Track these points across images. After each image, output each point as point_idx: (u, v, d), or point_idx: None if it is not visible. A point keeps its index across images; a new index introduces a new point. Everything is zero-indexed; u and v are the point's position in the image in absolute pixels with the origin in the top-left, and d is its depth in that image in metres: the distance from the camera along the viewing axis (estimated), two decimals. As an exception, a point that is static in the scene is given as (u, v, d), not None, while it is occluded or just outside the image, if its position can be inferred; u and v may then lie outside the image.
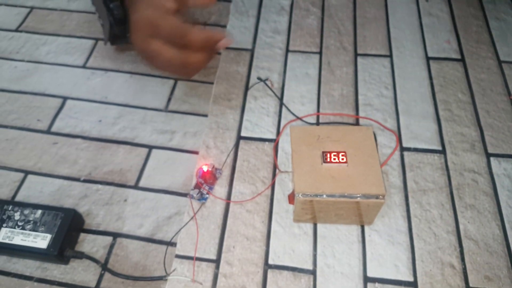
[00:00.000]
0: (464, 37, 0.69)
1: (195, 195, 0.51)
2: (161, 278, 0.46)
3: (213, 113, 0.61)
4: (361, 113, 0.60)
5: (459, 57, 0.67)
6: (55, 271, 0.47)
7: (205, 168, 0.52)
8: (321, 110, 0.60)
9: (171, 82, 0.66)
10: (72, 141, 0.59)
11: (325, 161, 0.47)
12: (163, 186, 0.54)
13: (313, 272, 0.47)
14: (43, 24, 0.75)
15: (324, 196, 0.45)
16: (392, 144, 0.57)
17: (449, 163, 0.55)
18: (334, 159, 0.47)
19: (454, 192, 0.53)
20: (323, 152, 0.48)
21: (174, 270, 0.46)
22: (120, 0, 0.55)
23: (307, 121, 0.59)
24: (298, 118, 0.59)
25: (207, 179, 0.53)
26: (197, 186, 0.52)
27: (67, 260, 0.47)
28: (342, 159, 0.47)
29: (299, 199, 0.45)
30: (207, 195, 0.52)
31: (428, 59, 0.66)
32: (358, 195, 0.45)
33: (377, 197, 0.45)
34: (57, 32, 0.74)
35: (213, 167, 0.54)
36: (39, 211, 0.47)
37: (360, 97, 0.62)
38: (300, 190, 0.45)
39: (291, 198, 0.51)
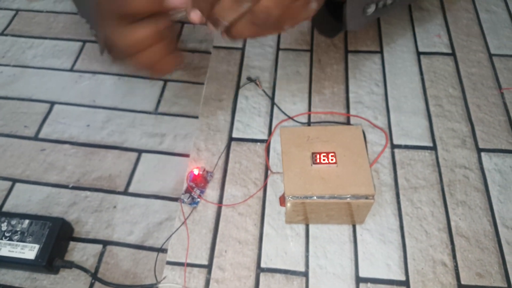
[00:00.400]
0: (454, 30, 0.69)
1: (186, 200, 0.51)
2: (152, 286, 0.45)
3: (204, 115, 0.60)
4: (352, 111, 0.59)
5: (449, 51, 0.66)
6: (45, 281, 0.47)
7: (196, 172, 0.52)
8: (312, 109, 0.60)
9: (161, 83, 0.65)
10: (60, 147, 0.58)
11: (314, 162, 0.47)
12: (154, 191, 0.54)
13: (305, 274, 0.47)
14: (29, 27, 0.74)
15: (314, 197, 0.45)
16: (382, 142, 0.56)
17: (440, 160, 0.55)
18: (324, 160, 0.47)
19: (445, 188, 0.52)
20: (312, 153, 0.47)
21: (164, 278, 0.46)
22: None
23: (299, 121, 0.59)
24: (289, 117, 0.59)
25: (198, 183, 0.52)
26: (188, 190, 0.52)
27: (56, 270, 0.46)
28: (332, 159, 0.47)
29: (290, 201, 0.45)
30: (198, 199, 0.51)
31: (418, 54, 0.66)
32: (348, 196, 0.45)
33: (366, 197, 0.44)
34: (43, 35, 0.73)
35: (204, 170, 0.53)
36: (26, 221, 0.47)
37: (351, 95, 0.61)
38: (290, 193, 0.45)
39: (282, 200, 0.51)
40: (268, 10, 0.33)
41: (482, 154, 0.55)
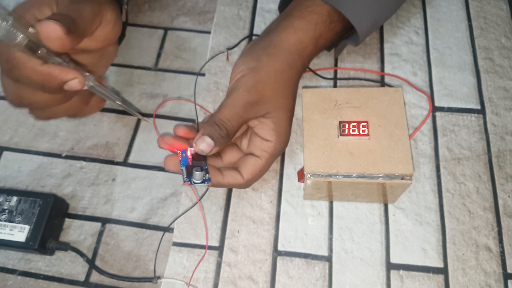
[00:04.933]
0: (511, -36, 0.57)
1: (197, 179, 0.40)
2: (151, 280, 0.40)
3: (211, 71, 0.52)
4: (386, 65, 0.51)
5: (504, -10, 0.55)
6: (40, 263, 0.42)
7: (189, 152, 0.41)
8: (339, 64, 0.51)
9: (160, 32, 0.56)
10: (51, 109, 0.51)
11: (342, 133, 0.39)
12: (157, 162, 0.47)
13: (328, 259, 0.41)
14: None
15: (339, 176, 0.38)
16: (422, 103, 0.48)
17: (488, 125, 0.47)
18: (354, 131, 0.39)
19: (494, 160, 0.45)
20: (340, 122, 0.40)
21: (159, 277, 0.40)
22: None
23: (323, 76, 0.50)
24: (311, 70, 0.50)
25: (198, 161, 0.41)
26: (189, 171, 0.40)
27: (51, 252, 0.42)
28: (363, 130, 0.39)
29: (309, 179, 0.38)
30: (209, 176, 0.41)
31: (466, -5, 0.55)
32: (380, 176, 0.38)
33: (402, 177, 0.38)
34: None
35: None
36: (14, 198, 0.42)
37: (385, 45, 0.52)
38: (310, 170, 0.38)
39: (301, 175, 0.44)
40: None
41: (540, 118, 0.47)
